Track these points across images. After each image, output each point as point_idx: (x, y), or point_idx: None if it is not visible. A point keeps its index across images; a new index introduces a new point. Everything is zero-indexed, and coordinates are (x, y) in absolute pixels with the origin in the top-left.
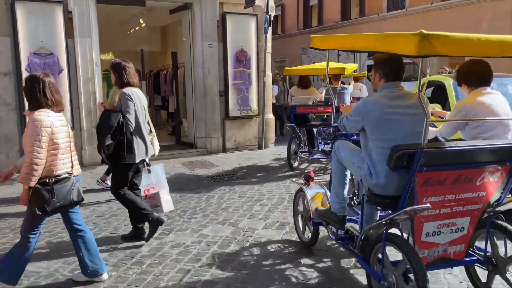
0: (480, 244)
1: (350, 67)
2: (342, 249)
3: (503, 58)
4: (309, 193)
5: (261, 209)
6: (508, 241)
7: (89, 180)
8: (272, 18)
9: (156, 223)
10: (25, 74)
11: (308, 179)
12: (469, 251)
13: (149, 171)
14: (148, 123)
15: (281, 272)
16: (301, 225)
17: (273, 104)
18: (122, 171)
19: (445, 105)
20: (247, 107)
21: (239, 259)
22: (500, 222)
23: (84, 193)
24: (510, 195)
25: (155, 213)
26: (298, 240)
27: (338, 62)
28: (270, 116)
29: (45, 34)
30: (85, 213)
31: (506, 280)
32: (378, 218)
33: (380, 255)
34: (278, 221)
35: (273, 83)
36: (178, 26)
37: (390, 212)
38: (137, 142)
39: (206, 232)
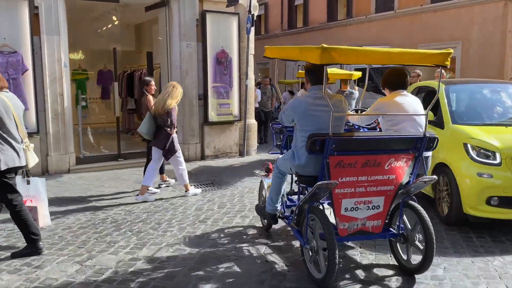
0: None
1: (356, 74)
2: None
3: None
4: (266, 182)
5: (242, 222)
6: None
7: (56, 190)
8: (255, 18)
9: (34, 249)
10: None
11: (268, 170)
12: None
13: (28, 182)
14: (20, 131)
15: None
16: None
17: (256, 109)
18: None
19: (437, 111)
20: (227, 111)
21: (219, 275)
22: (411, 202)
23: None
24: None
25: (40, 243)
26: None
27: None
28: (252, 121)
29: (8, 30)
30: (50, 225)
31: (408, 249)
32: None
33: (310, 226)
34: (260, 235)
35: (260, 86)
36: (154, 24)
37: None
38: (1, 148)
39: (183, 247)
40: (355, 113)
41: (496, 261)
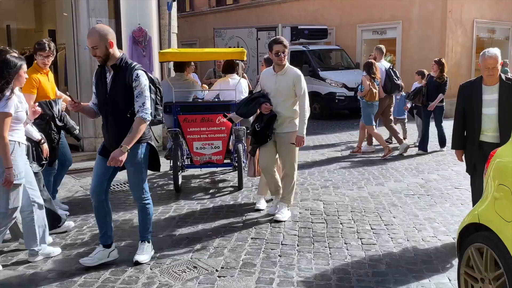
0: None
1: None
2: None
3: None
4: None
5: (167, 224)
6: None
7: None
8: None
9: None
10: None
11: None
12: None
13: None
14: None
15: None
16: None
17: None
18: None
19: None
20: None
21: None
22: (239, 144)
23: None
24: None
25: None
26: None
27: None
28: None
29: None
30: None
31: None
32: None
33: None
34: (187, 237)
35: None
36: None
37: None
38: None
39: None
40: (204, 88)
41: None
